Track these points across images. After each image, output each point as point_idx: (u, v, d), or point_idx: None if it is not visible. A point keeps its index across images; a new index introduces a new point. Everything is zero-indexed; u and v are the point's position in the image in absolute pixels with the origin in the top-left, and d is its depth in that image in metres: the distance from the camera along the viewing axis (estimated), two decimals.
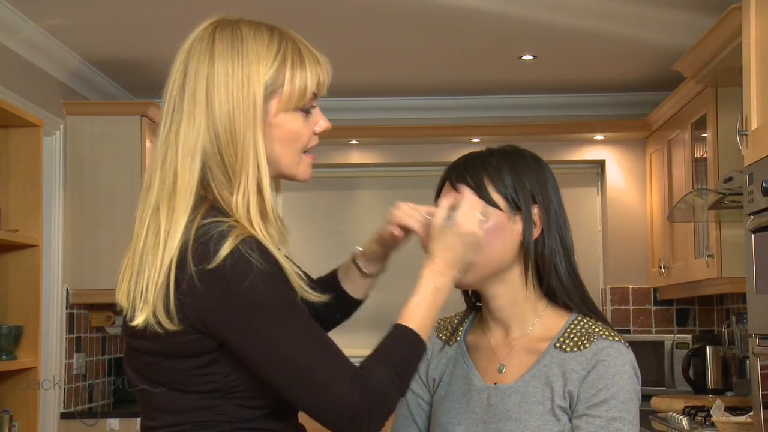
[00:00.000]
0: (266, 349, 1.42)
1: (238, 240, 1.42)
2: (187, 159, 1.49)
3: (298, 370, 1.42)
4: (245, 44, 1.51)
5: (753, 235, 2.88)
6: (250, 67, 1.49)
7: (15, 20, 3.85)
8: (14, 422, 3.54)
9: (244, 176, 1.48)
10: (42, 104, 4.21)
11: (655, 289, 5.16)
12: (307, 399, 1.43)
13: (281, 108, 1.51)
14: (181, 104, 1.51)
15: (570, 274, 1.66)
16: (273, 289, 1.43)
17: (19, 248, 3.61)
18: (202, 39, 1.53)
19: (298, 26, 1.67)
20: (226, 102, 1.48)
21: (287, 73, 1.51)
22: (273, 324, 1.42)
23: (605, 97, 5.26)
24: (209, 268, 1.41)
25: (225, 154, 1.48)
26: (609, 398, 1.57)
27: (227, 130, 1.48)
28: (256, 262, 1.41)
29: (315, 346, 1.43)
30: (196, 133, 1.49)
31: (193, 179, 1.49)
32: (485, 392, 1.65)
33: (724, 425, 3.29)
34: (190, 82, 1.50)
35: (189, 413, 1.49)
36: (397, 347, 1.49)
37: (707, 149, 4.03)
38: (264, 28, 1.55)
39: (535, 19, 3.92)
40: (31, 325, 3.59)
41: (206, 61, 1.50)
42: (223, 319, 1.43)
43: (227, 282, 1.41)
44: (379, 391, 1.43)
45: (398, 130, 5.16)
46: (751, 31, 2.91)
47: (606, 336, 1.63)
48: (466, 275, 1.64)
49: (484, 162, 1.66)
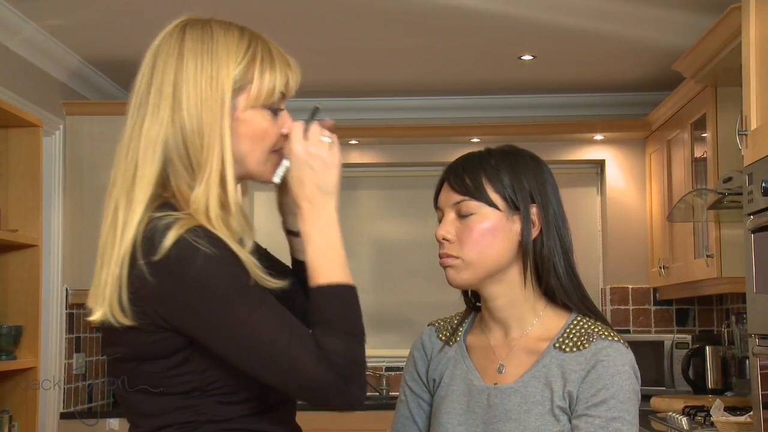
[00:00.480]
0: (226, 334, 1.41)
1: (182, 229, 1.42)
2: (148, 150, 1.49)
3: (262, 353, 1.40)
4: (215, 40, 1.52)
5: (753, 235, 2.88)
6: (219, 62, 1.50)
7: (15, 20, 3.85)
8: (14, 422, 3.54)
9: (208, 168, 1.47)
10: (42, 104, 4.21)
11: (654, 289, 5.16)
12: (279, 381, 1.43)
13: (249, 104, 1.51)
14: (147, 97, 1.51)
15: (569, 273, 1.67)
16: (224, 272, 1.42)
17: (19, 248, 3.60)
18: (171, 35, 1.54)
19: (298, 26, 1.68)
20: (194, 95, 1.48)
21: (256, 71, 1.51)
22: (228, 307, 1.41)
23: (605, 97, 5.26)
24: (155, 260, 1.41)
25: (190, 147, 1.48)
26: (608, 398, 1.58)
27: (194, 123, 1.48)
28: (203, 248, 1.41)
29: (275, 327, 1.41)
30: (159, 125, 1.49)
31: (153, 171, 1.49)
32: (485, 392, 1.65)
33: (723, 425, 3.30)
34: (158, 76, 1.51)
35: (170, 416, 1.49)
36: (330, 310, 1.45)
37: (707, 149, 4.03)
38: (235, 27, 1.56)
39: (535, 19, 3.92)
40: (30, 325, 3.59)
41: (175, 56, 1.51)
42: (179, 309, 1.42)
43: (175, 272, 1.41)
44: (342, 361, 1.41)
45: (398, 130, 5.17)
46: (751, 31, 2.91)
47: (605, 336, 1.63)
48: (463, 274, 1.65)
49: (482, 162, 1.67)
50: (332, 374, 1.40)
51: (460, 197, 1.65)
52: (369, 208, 5.53)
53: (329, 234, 1.51)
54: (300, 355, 1.40)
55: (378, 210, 5.54)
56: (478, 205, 1.64)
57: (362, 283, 5.43)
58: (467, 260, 1.64)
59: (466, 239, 1.64)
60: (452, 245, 1.66)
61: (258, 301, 1.42)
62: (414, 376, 1.77)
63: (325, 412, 1.48)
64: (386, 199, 5.55)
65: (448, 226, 1.67)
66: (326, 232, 1.50)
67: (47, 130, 4.22)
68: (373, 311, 5.34)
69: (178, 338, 1.45)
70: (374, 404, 4.89)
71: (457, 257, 1.65)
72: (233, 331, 1.41)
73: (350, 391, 1.42)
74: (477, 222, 1.64)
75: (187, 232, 1.43)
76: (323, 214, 1.51)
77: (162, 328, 1.45)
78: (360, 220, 5.50)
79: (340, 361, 1.41)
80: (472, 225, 1.64)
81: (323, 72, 4.77)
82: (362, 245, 5.46)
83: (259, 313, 1.41)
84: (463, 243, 1.64)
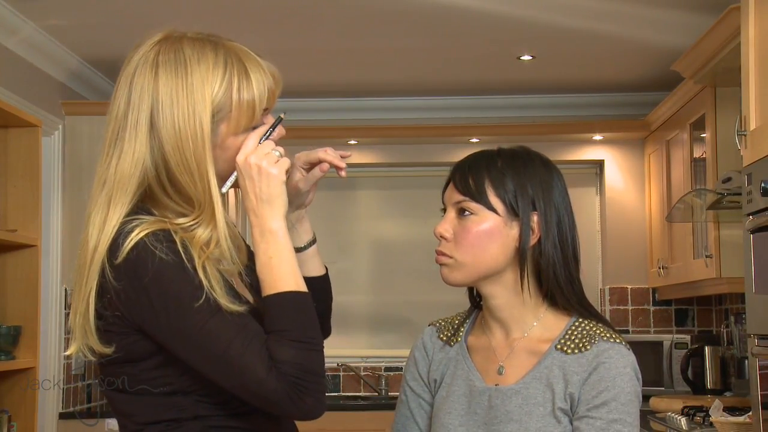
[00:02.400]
0: (183, 338, 1.42)
1: (143, 233, 1.44)
2: (123, 185, 1.49)
3: (215, 360, 1.41)
4: (189, 68, 1.49)
5: (752, 235, 2.88)
6: (195, 96, 1.48)
7: (14, 20, 3.85)
8: (13, 422, 3.54)
9: (198, 206, 1.48)
10: (41, 104, 4.21)
11: (653, 290, 5.16)
12: (234, 389, 1.43)
13: (230, 132, 1.51)
14: (124, 132, 1.50)
15: (569, 282, 1.66)
16: (179, 278, 1.42)
17: (18, 248, 3.60)
18: (145, 62, 1.51)
19: (298, 26, 1.67)
20: (173, 131, 1.47)
21: (234, 96, 1.50)
22: (184, 313, 1.41)
23: (604, 97, 5.26)
24: (116, 263, 1.44)
25: (180, 184, 1.49)
26: (609, 400, 1.58)
27: (179, 161, 1.48)
28: (160, 253, 1.42)
29: (229, 335, 1.41)
30: (134, 160, 1.49)
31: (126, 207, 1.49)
32: (486, 394, 1.65)
33: (722, 425, 3.29)
34: (134, 109, 1.50)
35: (154, 415, 1.50)
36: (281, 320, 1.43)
37: (706, 149, 4.04)
38: (208, 48, 1.51)
39: (534, 19, 3.92)
40: (29, 325, 3.59)
41: (150, 89, 1.49)
42: (140, 312, 1.44)
43: (133, 274, 1.43)
44: (293, 371, 1.40)
45: (397, 130, 5.16)
46: (750, 31, 2.91)
47: (607, 338, 1.63)
48: (456, 274, 1.65)
49: (489, 164, 1.66)
50: (282, 384, 1.39)
51: (461, 197, 1.65)
52: (368, 208, 5.53)
53: (273, 244, 1.48)
54: (250, 364, 1.40)
55: (377, 210, 5.53)
56: (477, 207, 1.64)
57: (361, 283, 5.48)
58: (460, 261, 1.65)
59: (462, 240, 1.64)
60: (448, 244, 1.66)
61: (215, 308, 1.42)
62: (415, 376, 1.77)
63: (325, 411, 1.48)
64: (386, 200, 5.54)
65: (447, 224, 1.67)
66: (270, 242, 1.48)
67: (46, 130, 4.21)
68: (372, 311, 5.34)
69: (149, 342, 1.47)
70: (374, 404, 4.89)
71: (451, 257, 1.66)
72: (189, 336, 1.42)
73: (303, 402, 1.41)
74: (475, 224, 1.64)
75: (148, 235, 1.44)
76: (265, 225, 1.48)
77: (133, 330, 1.46)
78: (359, 220, 5.49)
79: (290, 370, 1.40)
80: (469, 226, 1.64)
81: (323, 72, 4.77)
82: (362, 245, 5.46)
83: (214, 320, 1.41)
84: (459, 243, 1.65)
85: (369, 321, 5.45)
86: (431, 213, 1.73)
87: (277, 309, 1.44)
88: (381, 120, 5.28)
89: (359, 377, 5.30)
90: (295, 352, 1.41)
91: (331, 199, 5.40)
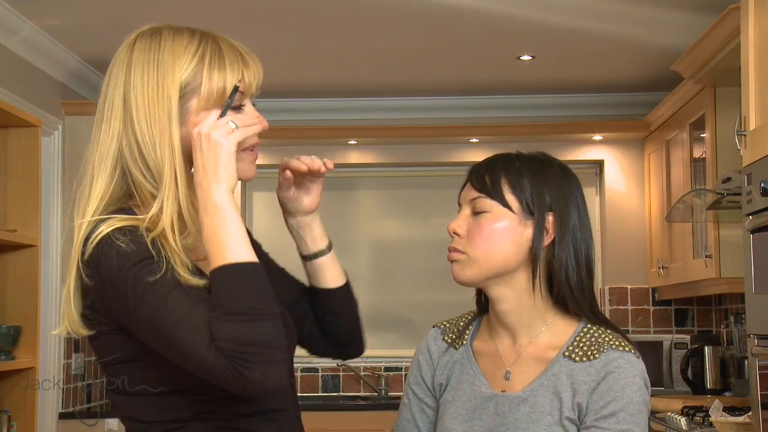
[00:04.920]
0: (143, 322, 1.42)
1: (110, 228, 1.45)
2: (101, 164, 1.52)
3: (166, 341, 1.40)
4: (162, 48, 1.52)
5: (751, 235, 2.88)
6: (165, 69, 1.50)
7: (14, 20, 3.85)
8: (12, 422, 3.53)
9: (165, 179, 1.48)
10: (40, 104, 4.21)
11: (653, 290, 5.16)
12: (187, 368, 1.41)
13: (201, 107, 1.51)
14: (102, 112, 1.54)
15: (581, 288, 1.64)
16: (136, 263, 1.42)
17: (18, 248, 3.60)
18: (124, 48, 1.55)
19: (298, 26, 1.67)
20: (143, 105, 1.49)
21: (205, 73, 1.50)
22: (140, 299, 1.41)
23: (604, 97, 5.26)
24: (85, 260, 1.46)
25: (147, 157, 1.49)
26: (618, 411, 1.57)
27: (145, 133, 1.49)
28: (120, 244, 1.43)
29: (177, 317, 1.39)
30: (110, 138, 1.51)
31: (107, 183, 1.51)
32: (492, 400, 1.64)
33: (722, 425, 3.30)
34: (110, 90, 1.53)
35: (155, 415, 1.51)
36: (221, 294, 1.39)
37: (706, 149, 4.04)
38: (185, 31, 1.54)
39: (534, 19, 3.92)
40: (29, 326, 3.59)
41: (123, 68, 1.52)
42: (110, 305, 1.45)
43: (99, 269, 1.44)
44: (232, 346, 1.35)
45: (397, 130, 5.16)
46: (750, 32, 2.91)
47: (616, 346, 1.62)
48: (467, 270, 1.64)
49: (507, 164, 1.66)
50: (221, 360, 1.35)
51: (477, 194, 1.65)
52: (368, 208, 5.53)
53: (215, 217, 1.43)
54: (191, 343, 1.37)
55: (377, 210, 5.54)
56: (492, 204, 1.63)
57: (361, 283, 5.48)
58: (473, 257, 1.63)
59: (476, 236, 1.63)
60: (461, 240, 1.65)
61: (166, 292, 1.41)
62: (418, 380, 1.76)
63: (325, 411, 1.48)
64: (385, 200, 5.55)
65: (461, 220, 1.66)
66: (213, 215, 1.43)
67: (46, 130, 4.21)
68: (372, 311, 5.33)
69: (133, 340, 1.47)
70: (373, 404, 4.89)
71: (463, 252, 1.64)
72: (146, 318, 1.41)
73: (247, 377, 1.35)
74: (489, 221, 1.63)
75: (113, 230, 1.45)
76: (209, 197, 1.44)
77: (118, 328, 1.48)
78: (359, 220, 5.50)
79: (229, 345, 1.35)
80: (483, 223, 1.63)
81: (323, 72, 4.77)
82: (361, 245, 5.46)
83: (170, 298, 1.40)
84: (472, 239, 1.64)
85: (369, 321, 5.40)
86: (431, 213, 1.73)
87: (216, 282, 1.40)
88: (381, 120, 5.28)
89: (359, 377, 5.30)
90: (231, 325, 1.36)
91: (331, 199, 5.40)
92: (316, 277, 1.69)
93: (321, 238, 1.68)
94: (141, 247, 1.43)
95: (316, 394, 5.23)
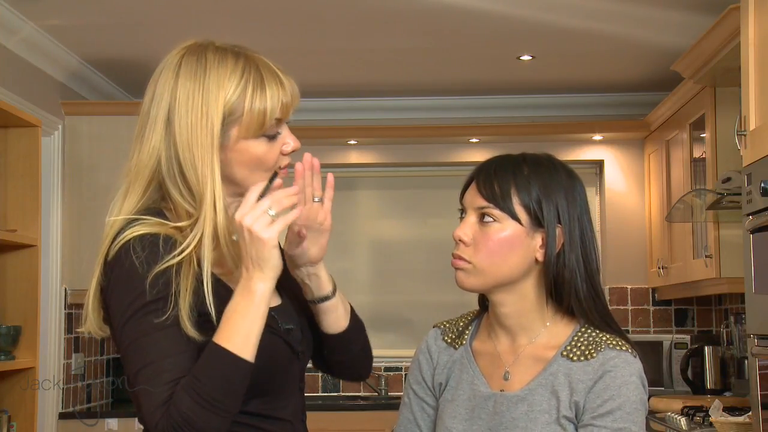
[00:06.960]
0: (118, 343, 1.49)
1: (134, 234, 1.49)
2: (140, 174, 1.56)
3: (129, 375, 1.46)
4: (207, 74, 1.55)
5: (751, 235, 2.88)
6: (209, 97, 1.53)
7: (14, 20, 3.85)
8: (12, 422, 3.53)
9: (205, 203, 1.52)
10: (40, 104, 4.20)
11: (653, 290, 5.16)
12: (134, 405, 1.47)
13: (241, 136, 1.55)
14: (144, 128, 1.57)
15: (591, 296, 1.64)
16: (134, 287, 1.46)
17: (18, 248, 3.60)
18: (170, 65, 1.58)
19: (298, 26, 1.67)
20: (186, 129, 1.53)
21: (246, 103, 1.54)
22: (124, 322, 1.47)
23: (604, 97, 5.26)
24: (107, 260, 1.51)
25: (187, 176, 1.53)
26: (615, 409, 1.57)
27: (187, 157, 1.53)
28: (134, 257, 1.47)
29: (148, 358, 1.44)
30: (149, 156, 1.55)
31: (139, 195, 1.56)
32: (491, 399, 1.64)
33: (722, 425, 3.30)
34: (155, 106, 1.57)
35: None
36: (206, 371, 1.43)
37: (706, 149, 4.04)
38: (230, 55, 1.57)
39: (534, 19, 3.92)
40: (29, 326, 3.59)
41: (168, 89, 1.56)
42: (108, 306, 1.51)
43: (110, 272, 1.50)
44: (178, 419, 1.40)
45: (397, 130, 5.17)
46: (750, 32, 2.91)
47: (613, 345, 1.62)
48: (472, 280, 1.64)
49: (515, 170, 1.64)
50: (164, 424, 1.41)
51: (485, 203, 1.63)
52: (368, 208, 5.53)
53: (246, 302, 1.47)
54: (149, 392, 1.42)
55: (377, 210, 5.53)
56: (500, 215, 1.62)
57: (361, 283, 5.48)
58: (479, 267, 1.63)
59: (482, 247, 1.62)
60: (467, 249, 1.64)
61: (149, 328, 1.45)
62: (418, 380, 1.76)
63: (325, 411, 1.48)
64: (385, 200, 5.54)
65: (467, 228, 1.64)
66: (245, 298, 1.47)
67: (46, 130, 4.21)
68: (372, 311, 5.33)
69: None
70: (373, 404, 4.88)
71: (469, 262, 1.63)
72: (122, 344, 1.47)
73: None
74: (496, 231, 1.62)
75: (136, 238, 1.49)
76: (250, 283, 1.47)
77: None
78: (359, 220, 5.49)
79: (178, 419, 1.40)
80: (490, 233, 1.62)
81: (323, 72, 4.77)
82: (361, 245, 5.46)
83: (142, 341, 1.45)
84: (478, 249, 1.62)
85: (368, 321, 5.39)
86: (431, 213, 1.73)
87: (208, 358, 1.44)
88: (381, 120, 5.28)
89: None
90: (192, 404, 1.40)
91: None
92: (323, 321, 1.70)
93: (327, 283, 1.68)
94: (148, 270, 1.46)
95: (316, 394, 5.22)
